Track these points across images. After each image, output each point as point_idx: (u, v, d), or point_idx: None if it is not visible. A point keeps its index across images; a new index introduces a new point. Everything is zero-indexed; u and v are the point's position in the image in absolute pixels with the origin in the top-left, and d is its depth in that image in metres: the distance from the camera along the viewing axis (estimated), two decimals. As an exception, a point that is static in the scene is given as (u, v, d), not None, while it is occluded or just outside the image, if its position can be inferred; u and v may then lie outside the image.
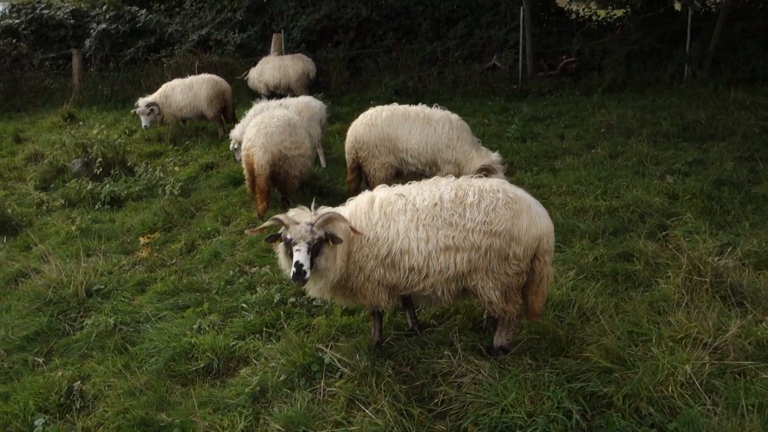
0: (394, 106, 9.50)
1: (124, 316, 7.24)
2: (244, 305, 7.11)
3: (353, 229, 5.41)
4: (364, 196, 5.77)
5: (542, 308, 5.76)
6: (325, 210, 5.47)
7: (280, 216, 5.40)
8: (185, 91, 15.10)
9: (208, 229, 9.74)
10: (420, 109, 9.36)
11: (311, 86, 18.18)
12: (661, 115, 14.66)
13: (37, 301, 7.69)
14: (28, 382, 6.24)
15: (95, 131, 13.56)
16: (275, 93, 17.57)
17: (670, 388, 4.87)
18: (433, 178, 5.85)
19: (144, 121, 14.93)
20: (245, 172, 9.89)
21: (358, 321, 6.59)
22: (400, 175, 9.54)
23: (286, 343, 6.19)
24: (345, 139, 14.33)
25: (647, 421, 4.71)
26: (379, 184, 9.20)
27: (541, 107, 16.77)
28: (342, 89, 20.04)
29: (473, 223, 5.31)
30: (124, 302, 7.66)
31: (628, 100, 16.93)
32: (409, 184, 5.87)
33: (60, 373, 6.36)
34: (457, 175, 8.81)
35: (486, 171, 8.71)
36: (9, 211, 11.04)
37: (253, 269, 8.14)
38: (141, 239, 9.66)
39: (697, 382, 4.89)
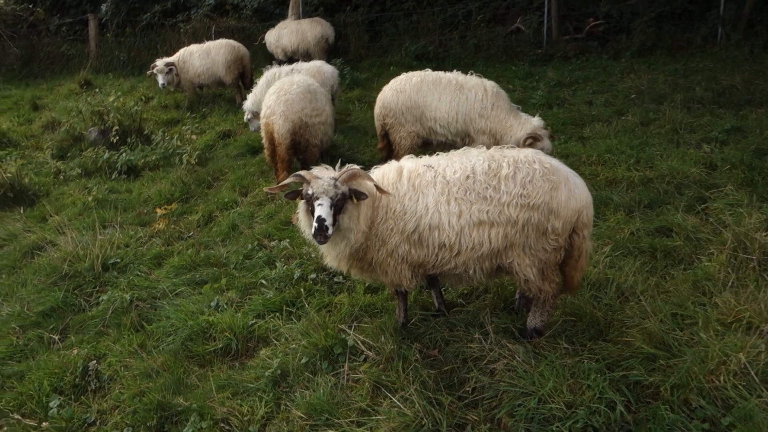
0: (426, 72, 8.97)
1: (140, 292, 7.00)
2: (263, 281, 6.83)
3: (379, 188, 5.08)
4: (392, 166, 5.42)
5: (580, 282, 5.42)
6: (349, 166, 5.13)
7: (302, 171, 5.09)
8: (203, 56, 14.71)
9: (226, 200, 9.46)
10: (453, 75, 8.80)
11: (330, 51, 17.71)
12: (694, 80, 14.03)
13: (53, 275, 7.48)
14: (43, 361, 6.04)
15: (111, 98, 13.27)
16: (293, 58, 17.12)
17: (722, 378, 4.51)
18: (463, 148, 5.48)
19: (161, 80, 14.52)
20: (264, 141, 9.56)
21: (381, 300, 6.28)
22: (428, 145, 9.17)
23: (307, 322, 5.91)
24: (365, 106, 14.13)
25: (698, 415, 4.36)
26: (405, 153, 8.90)
27: (567, 72, 16.16)
28: (361, 54, 19.53)
29: (509, 196, 4.95)
30: (141, 277, 7.42)
31: (659, 64, 16.26)
32: (437, 155, 5.50)
33: (75, 352, 6.16)
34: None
35: (533, 139, 8.32)
36: (26, 180, 10.83)
37: (272, 243, 7.85)
38: (158, 210, 9.40)
39: (752, 372, 4.52)
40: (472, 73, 8.93)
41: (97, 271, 7.52)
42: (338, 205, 4.91)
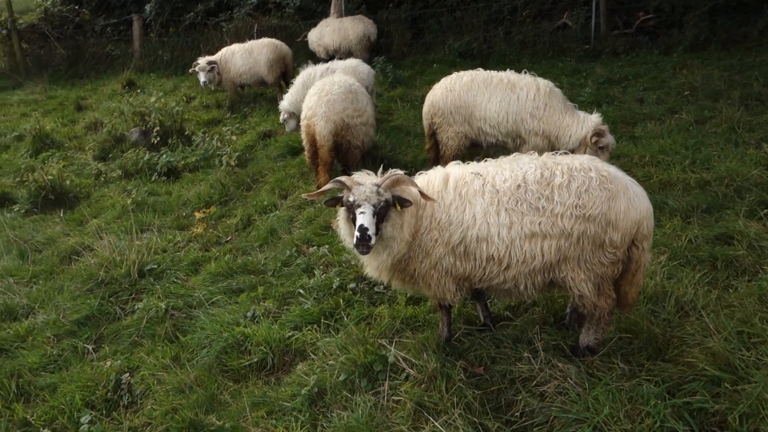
0: (477, 71, 8.64)
1: (176, 300, 6.84)
2: (300, 291, 6.59)
3: (424, 195, 4.79)
4: (437, 173, 5.12)
5: (636, 299, 5.06)
6: (392, 171, 4.84)
7: (342, 177, 4.83)
8: (245, 56, 14.58)
9: (265, 203, 9.27)
10: (506, 75, 8.45)
11: (372, 49, 17.44)
12: (751, 76, 13.34)
13: (89, 282, 7.38)
14: (76, 373, 5.91)
15: (153, 99, 13.22)
16: (335, 57, 16.89)
17: (799, 409, 4.11)
18: (513, 155, 5.15)
19: (202, 77, 14.39)
20: (305, 143, 9.33)
21: (423, 312, 5.99)
22: (477, 147, 8.80)
23: (346, 336, 5.65)
24: (407, 105, 13.82)
25: (772, 451, 3.97)
26: (451, 153, 8.61)
27: (616, 68, 15.57)
28: (404, 51, 19.19)
29: (563, 206, 4.61)
30: (177, 284, 7.26)
31: (713, 59, 15.54)
32: (485, 161, 5.19)
33: (109, 364, 6.01)
34: (549, 149, 7.93)
35: (598, 136, 7.98)
36: (67, 183, 10.82)
37: (311, 249, 7.61)
38: (196, 214, 9.26)
39: (834, 405, 4.10)
40: (525, 72, 8.52)
41: (134, 278, 7.39)
42: (381, 213, 4.64)
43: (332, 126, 8.91)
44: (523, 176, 4.79)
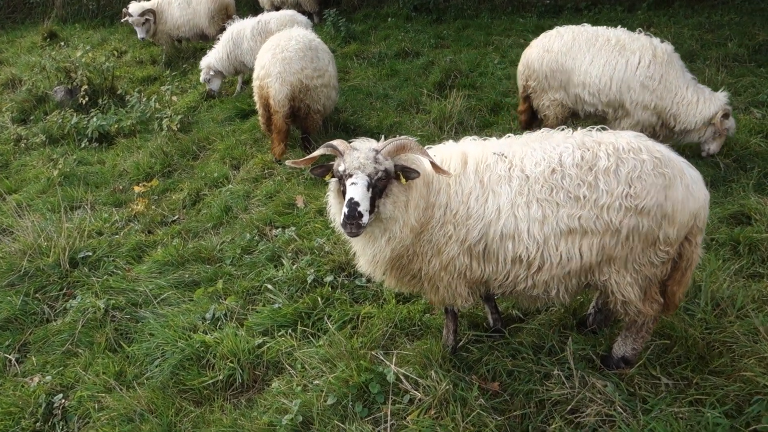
0: (582, 27, 7.32)
1: (116, 297, 5.74)
2: (268, 286, 5.58)
3: (437, 167, 3.86)
4: (452, 150, 4.17)
5: (682, 299, 4.27)
6: (397, 137, 3.92)
7: (335, 141, 3.90)
8: (183, 6, 13.07)
9: (215, 174, 8.14)
10: (615, 33, 7.15)
11: (322, 1, 16.13)
12: (722, 35, 12.77)
13: (9, 275, 6.18)
14: (-6, 395, 4.79)
15: (79, 53, 11.70)
16: (280, 9, 15.53)
17: None
18: (542, 131, 4.22)
19: (140, 33, 12.87)
20: (258, 107, 8.22)
21: (418, 311, 5.10)
22: (576, 116, 7.69)
23: (330, 346, 4.70)
24: (364, 63, 12.72)
25: None
26: (550, 122, 7.51)
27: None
28: (355, 4, 17.90)
29: (609, 196, 3.75)
30: (117, 275, 6.14)
31: (679, 17, 14.92)
32: (508, 137, 4.27)
33: (36, 381, 4.92)
34: (659, 127, 7.06)
35: (725, 116, 6.98)
36: (-20, 150, 9.40)
37: (275, 232, 6.58)
38: (136, 188, 8.07)
39: None
40: (640, 31, 7.20)
41: (64, 269, 6.24)
42: (378, 186, 3.75)
43: (288, 89, 7.81)
44: (558, 158, 3.89)
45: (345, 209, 3.63)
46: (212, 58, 10.57)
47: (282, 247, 6.18)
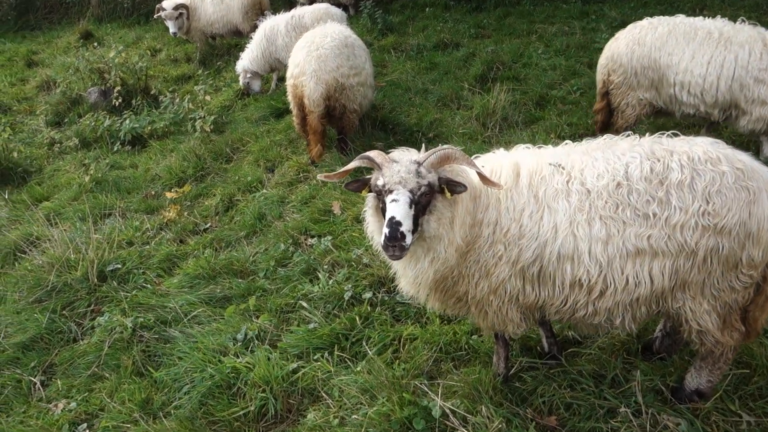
0: (677, 19, 6.68)
1: (145, 315, 5.45)
2: (303, 303, 5.23)
3: (486, 179, 3.44)
4: (502, 160, 3.74)
5: (764, 326, 3.79)
6: (440, 147, 3.51)
7: (372, 153, 3.54)
8: (216, 2, 12.77)
9: (249, 178, 7.82)
10: (715, 24, 6.46)
11: (359, -8, 15.72)
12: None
13: (36, 290, 5.94)
14: (16, 424, 4.53)
15: (112, 53, 11.50)
16: (314, 2, 15.15)
17: None
18: (604, 137, 3.76)
19: (172, 27, 12.53)
20: (292, 106, 7.86)
21: (465, 331, 4.68)
22: (665, 116, 7.15)
23: (369, 372, 4.32)
24: (402, 56, 12.28)
25: None
26: (626, 123, 7.01)
27: (629, 10, 14.05)
28: (392, -6, 17.45)
29: (684, 214, 3.29)
30: (146, 290, 5.86)
31: (734, -2, 14.18)
32: (565, 144, 3.82)
33: (61, 408, 4.67)
34: None
35: None
36: (15, 154, 9.23)
37: (310, 241, 6.23)
38: (168, 194, 7.79)
39: None
40: (743, 21, 6.50)
41: (92, 283, 5.98)
42: (421, 202, 3.36)
43: (324, 88, 7.43)
44: (624, 170, 3.43)
45: (386, 230, 3.25)
46: (246, 60, 10.28)
47: (318, 259, 5.82)
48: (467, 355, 4.48)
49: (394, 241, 3.22)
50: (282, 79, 11.15)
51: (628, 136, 3.71)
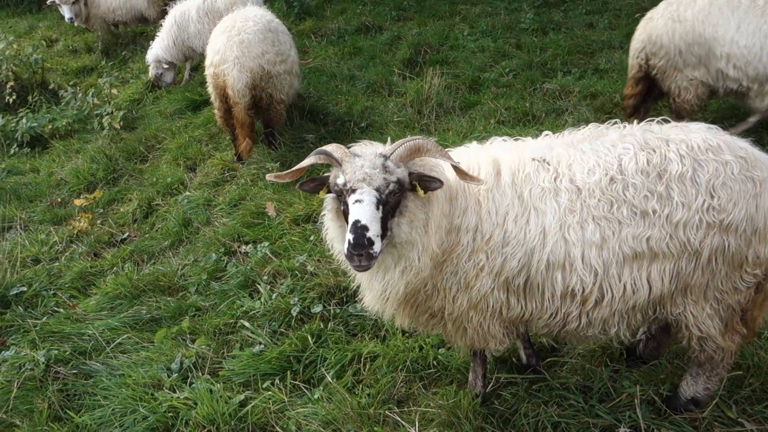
0: None
1: (60, 346, 4.72)
2: (245, 323, 4.63)
3: (462, 172, 2.98)
4: (482, 155, 3.28)
5: (760, 325, 3.52)
6: (409, 138, 3.01)
7: (330, 147, 3.04)
8: (117, -14, 11.76)
9: (169, 179, 7.10)
10: None
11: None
12: (697, -6, 12.09)
13: (-76, 324, 5.10)
14: None
15: (1, 45, 10.35)
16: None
17: None
18: (590, 127, 3.35)
19: (67, 13, 11.32)
20: (213, 98, 7.17)
21: (431, 344, 4.23)
22: (714, 95, 6.58)
23: (329, 400, 3.81)
24: (323, 41, 11.67)
25: None
26: (690, 109, 6.41)
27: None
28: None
29: (687, 210, 2.94)
30: (59, 315, 5.11)
31: (648, -25, 14.25)
32: (545, 135, 3.40)
33: (-38, 468, 3.92)
34: None
35: None
36: None
37: (245, 248, 5.62)
38: (76, 201, 6.97)
39: None
40: None
41: (-7, 311, 5.18)
42: (390, 202, 2.91)
43: (248, 76, 6.78)
44: (618, 163, 3.04)
45: (350, 236, 2.75)
46: (159, 49, 9.44)
47: (256, 269, 5.23)
48: (437, 373, 4.02)
49: (360, 248, 2.73)
50: (196, 68, 10.37)
51: (614, 124, 3.32)
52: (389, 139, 3.17)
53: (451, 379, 3.95)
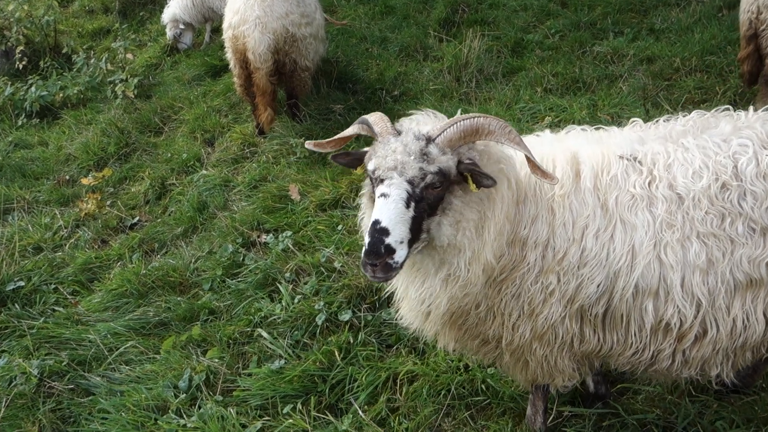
0: None
1: (56, 355, 4.18)
2: (263, 333, 4.04)
3: (535, 166, 2.33)
4: (556, 148, 2.62)
5: None
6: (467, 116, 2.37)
7: (373, 116, 2.50)
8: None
9: (184, 156, 6.50)
10: None
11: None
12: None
13: None
14: None
15: (12, 5, 9.75)
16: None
17: None
18: (692, 115, 2.64)
19: None
20: (232, 64, 6.51)
21: (479, 364, 3.60)
22: None
23: (360, 430, 3.22)
24: (349, 0, 10.88)
25: None
26: None
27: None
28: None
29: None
30: (59, 315, 4.58)
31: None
32: (633, 123, 2.70)
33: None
34: None
35: None
36: None
37: (266, 238, 5.01)
38: (84, 181, 6.41)
39: None
40: None
41: (-13, 309, 4.67)
42: (427, 198, 2.32)
43: (271, 38, 6.10)
44: (732, 165, 2.35)
45: (366, 239, 2.24)
46: (176, 8, 8.84)
47: (277, 264, 4.62)
48: (486, 401, 3.40)
49: (375, 257, 2.19)
50: (217, 30, 9.69)
51: (725, 110, 2.61)
52: (460, 111, 2.49)
53: (503, 408, 3.33)
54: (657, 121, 2.63)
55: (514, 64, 7.55)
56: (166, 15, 9.06)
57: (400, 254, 2.22)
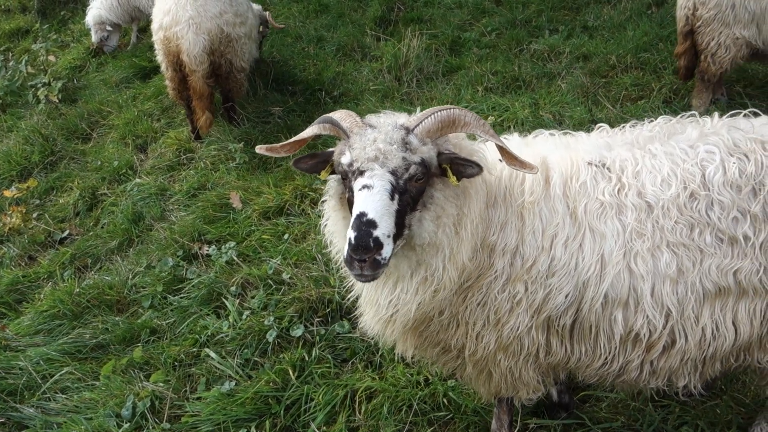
0: None
1: (-16, 386, 3.88)
2: (210, 354, 3.83)
3: (510, 156, 2.27)
4: (527, 155, 2.47)
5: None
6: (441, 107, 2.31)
7: (338, 114, 2.39)
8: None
9: (115, 163, 6.19)
10: None
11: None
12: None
13: None
14: None
15: None
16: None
17: None
18: (658, 120, 2.58)
19: None
20: (164, 67, 6.24)
21: (440, 376, 3.49)
22: (760, 59, 5.90)
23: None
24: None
25: None
26: (719, 70, 5.67)
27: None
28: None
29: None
30: (-16, 342, 4.26)
31: None
32: (599, 128, 2.63)
33: None
34: None
35: None
36: None
37: (207, 249, 4.79)
38: (7, 193, 6.02)
39: None
40: None
41: None
42: (410, 191, 2.23)
43: (206, 39, 5.89)
44: (700, 174, 2.30)
45: (351, 234, 2.11)
46: (101, 9, 8.42)
47: (221, 278, 4.40)
48: (449, 416, 3.29)
49: (364, 252, 2.07)
50: (144, 30, 9.31)
51: (691, 116, 2.57)
52: (418, 109, 2.37)
53: (467, 423, 3.23)
54: (623, 126, 2.57)
55: (454, 63, 7.50)
56: (90, 17, 8.63)
57: (387, 250, 2.10)
